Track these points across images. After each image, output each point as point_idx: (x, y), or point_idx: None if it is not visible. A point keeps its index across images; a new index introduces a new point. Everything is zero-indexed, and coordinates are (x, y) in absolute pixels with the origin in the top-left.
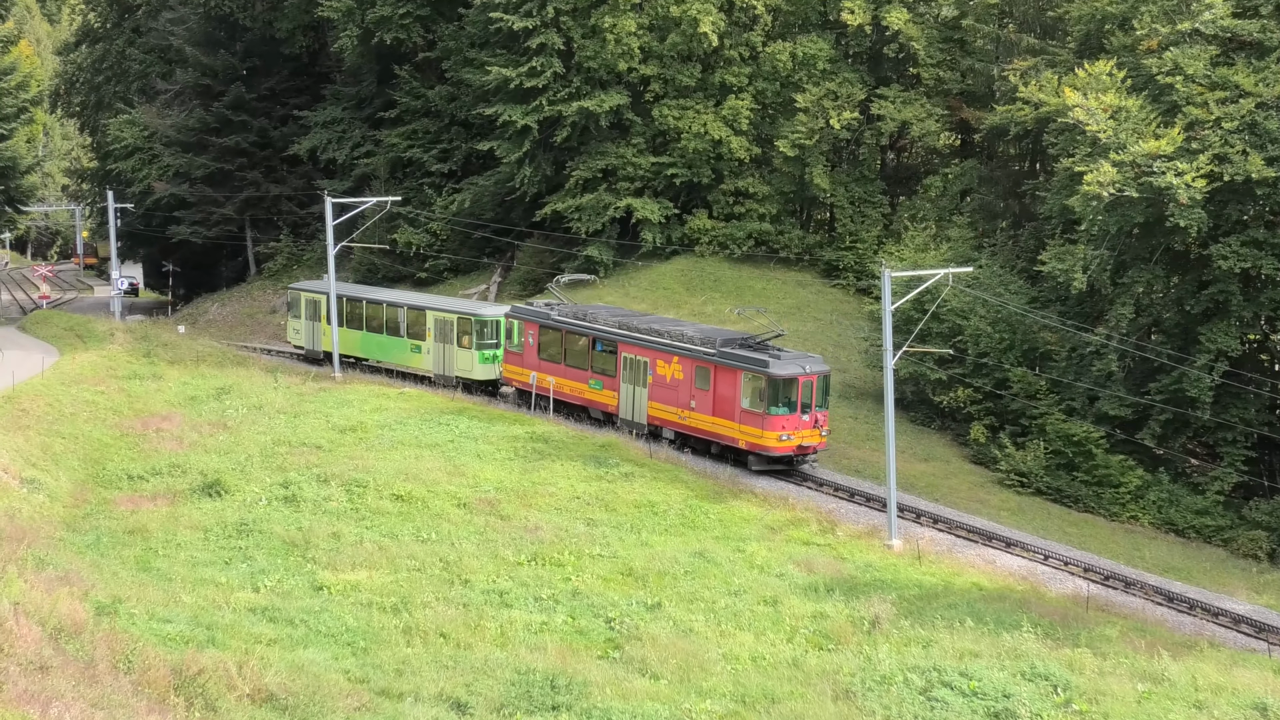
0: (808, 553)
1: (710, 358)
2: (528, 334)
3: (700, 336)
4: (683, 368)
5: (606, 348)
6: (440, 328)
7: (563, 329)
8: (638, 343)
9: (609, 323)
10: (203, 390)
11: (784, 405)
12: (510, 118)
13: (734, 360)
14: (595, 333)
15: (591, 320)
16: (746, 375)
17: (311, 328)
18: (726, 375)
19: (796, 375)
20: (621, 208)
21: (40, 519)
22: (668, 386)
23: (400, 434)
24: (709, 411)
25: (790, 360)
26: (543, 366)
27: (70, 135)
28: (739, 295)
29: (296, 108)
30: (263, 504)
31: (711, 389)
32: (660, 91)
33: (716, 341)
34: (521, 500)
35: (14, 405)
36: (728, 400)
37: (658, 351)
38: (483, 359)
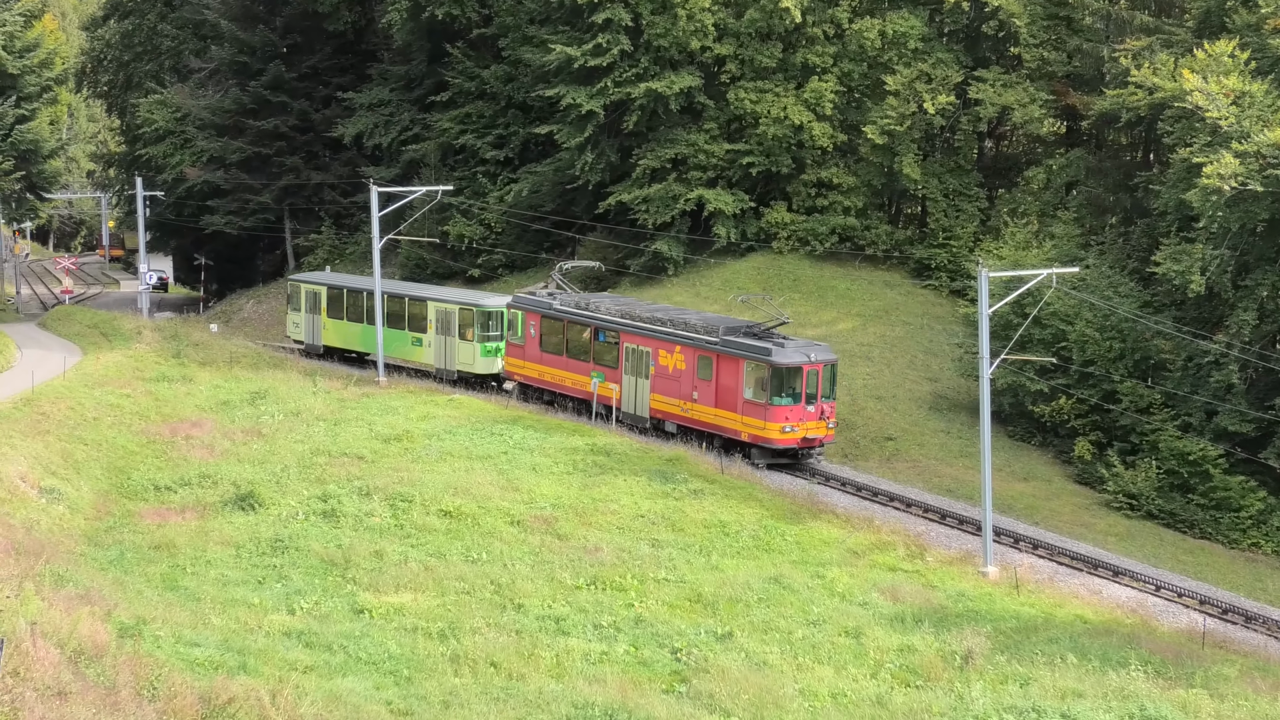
0: (894, 579)
1: (713, 346)
2: (529, 325)
3: (703, 325)
4: (685, 357)
5: (609, 338)
6: (442, 319)
7: (565, 319)
8: (640, 332)
9: (611, 312)
10: (236, 394)
11: (788, 395)
12: (572, 100)
13: (736, 349)
14: (597, 322)
15: (594, 310)
16: (749, 364)
17: (311, 321)
18: (729, 365)
19: (800, 364)
20: (692, 199)
21: (60, 532)
22: (670, 377)
23: (449, 444)
24: (711, 403)
25: (794, 348)
26: (545, 359)
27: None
28: (820, 296)
29: (340, 88)
30: (299, 518)
31: (714, 379)
32: (736, 72)
33: (719, 330)
34: (580, 518)
35: (33, 409)
36: (730, 391)
37: (660, 341)
38: (485, 352)
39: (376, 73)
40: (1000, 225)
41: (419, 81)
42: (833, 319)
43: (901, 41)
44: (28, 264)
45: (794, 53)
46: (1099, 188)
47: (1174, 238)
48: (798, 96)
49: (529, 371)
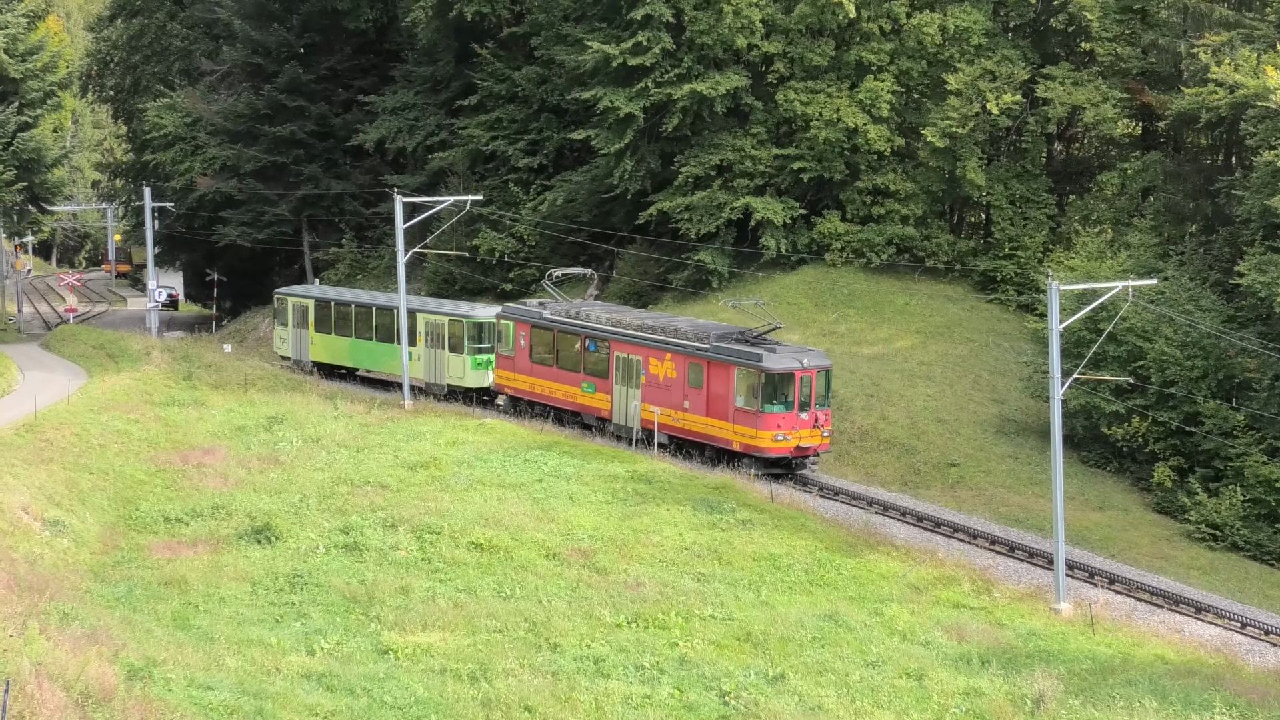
0: (959, 617)
1: (703, 353)
2: (519, 336)
3: (694, 331)
4: (675, 365)
5: (599, 347)
6: (431, 331)
7: (554, 329)
8: (630, 340)
9: (601, 320)
10: (251, 419)
11: (779, 402)
12: (611, 103)
13: (727, 355)
14: (587, 331)
15: (584, 318)
16: (740, 371)
17: (299, 336)
18: (720, 372)
19: (793, 369)
20: (739, 208)
21: (65, 567)
22: (661, 386)
23: (480, 471)
24: (702, 411)
25: (787, 354)
26: (535, 370)
27: (102, 123)
28: (877, 312)
29: (361, 91)
30: (320, 552)
31: (705, 387)
32: (785, 72)
33: (710, 336)
34: (620, 551)
35: (36, 435)
36: (721, 399)
37: (650, 349)
38: (475, 364)
39: (400, 74)
40: (1071, 234)
41: (445, 84)
42: (890, 336)
43: (963, 37)
44: (30, 280)
45: (848, 50)
46: (1177, 193)
47: (1259, 246)
48: (852, 97)
49: (519, 384)
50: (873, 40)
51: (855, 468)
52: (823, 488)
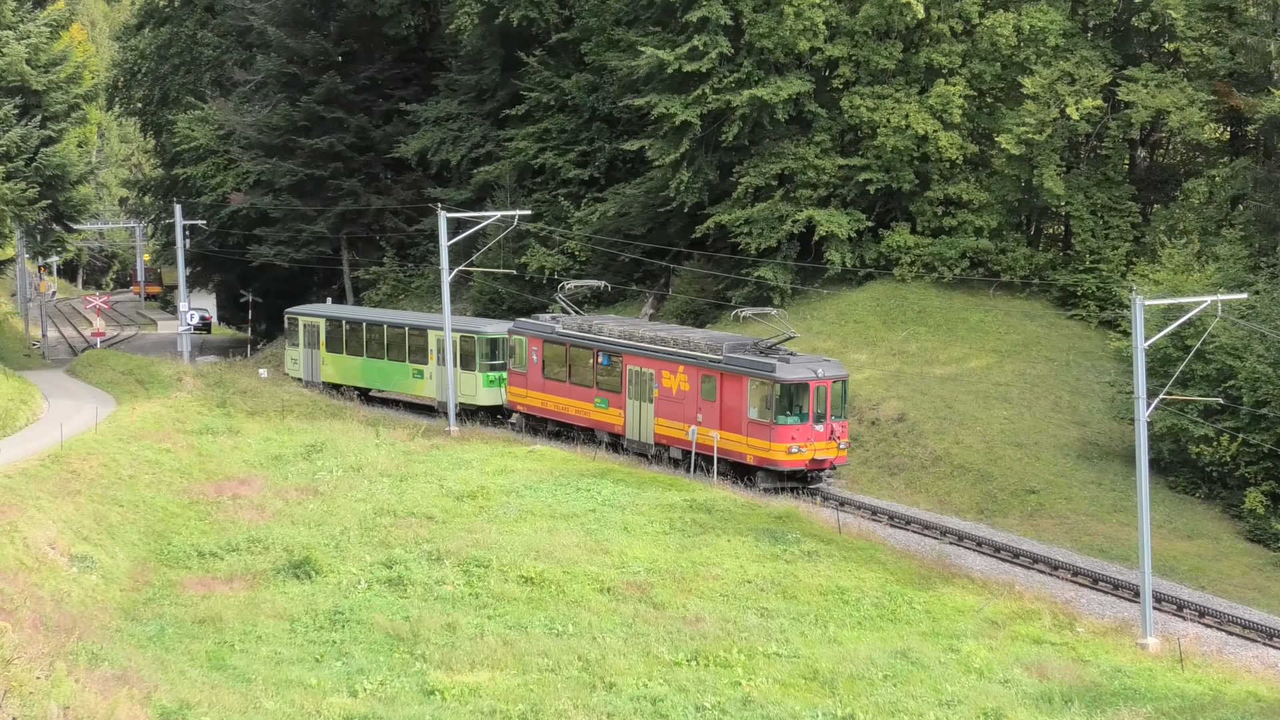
0: (1039, 653)
1: (716, 365)
2: (531, 351)
3: (707, 342)
4: (689, 378)
5: (611, 360)
6: (443, 349)
7: (566, 343)
8: (643, 353)
9: (614, 333)
10: (289, 448)
11: (793, 414)
12: (666, 110)
13: (740, 366)
14: (599, 344)
15: (596, 332)
16: (753, 382)
17: (310, 356)
18: (733, 383)
19: (807, 380)
20: (802, 220)
21: (93, 604)
22: (674, 400)
23: (530, 501)
24: (716, 425)
25: (800, 364)
26: (548, 386)
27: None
28: (949, 329)
29: (402, 101)
30: (362, 587)
31: (718, 399)
32: (851, 76)
33: (723, 347)
34: (679, 584)
35: (62, 466)
36: (735, 411)
37: (663, 361)
38: (487, 382)
39: (443, 83)
40: (1156, 246)
41: (491, 93)
42: (963, 355)
43: (1040, 38)
44: (54, 303)
45: (917, 53)
46: (1269, 201)
47: None
48: (921, 102)
49: (532, 401)
50: (943, 42)
51: (928, 495)
52: (893, 516)
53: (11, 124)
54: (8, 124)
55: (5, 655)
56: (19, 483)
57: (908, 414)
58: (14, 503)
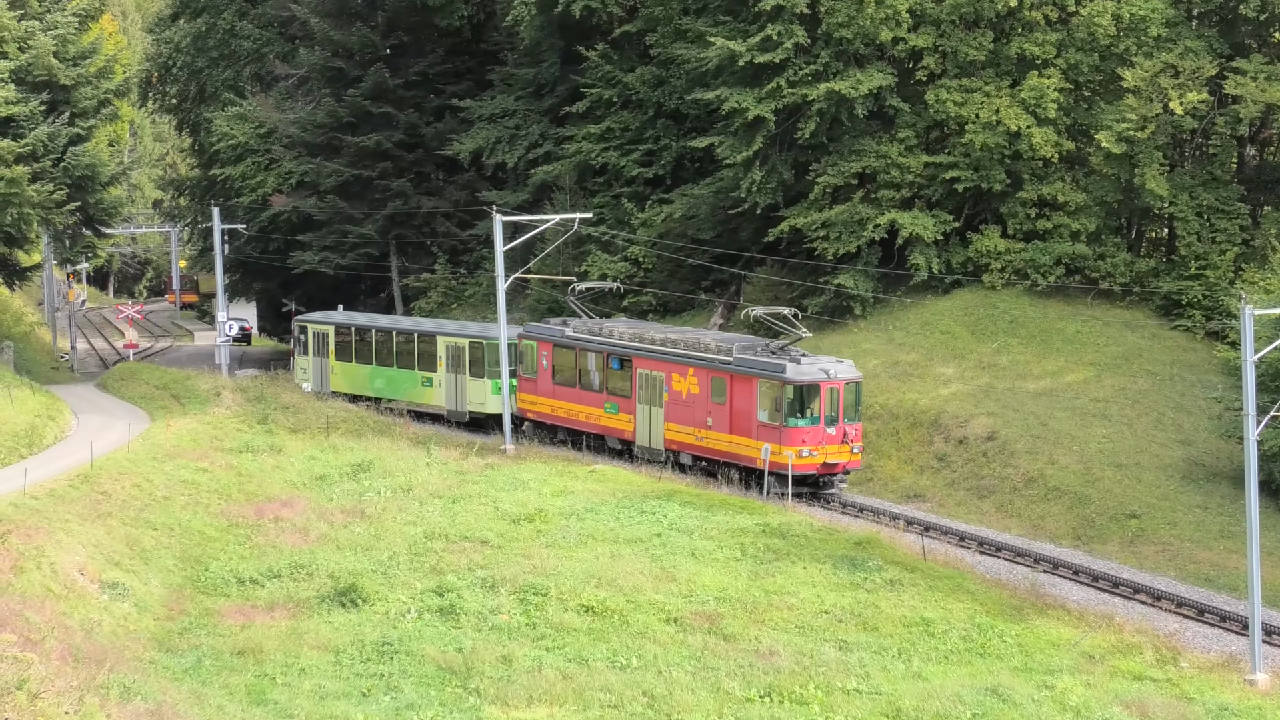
0: (1140, 690)
1: (726, 366)
2: (541, 356)
3: (718, 344)
4: (699, 380)
5: (622, 364)
6: (452, 355)
7: (576, 347)
8: (653, 355)
9: (624, 336)
10: (334, 467)
11: (804, 416)
12: (737, 105)
13: (750, 368)
14: (609, 348)
15: (606, 334)
16: (763, 384)
17: (319, 365)
18: (743, 386)
19: (818, 381)
20: (884, 224)
21: (126, 635)
22: (684, 403)
23: (591, 525)
24: (726, 429)
25: (812, 364)
26: (557, 392)
27: (164, 136)
28: (1044, 341)
29: (455, 97)
30: (411, 617)
31: (728, 402)
32: (936, 68)
33: (733, 348)
34: (751, 615)
35: (93, 487)
36: (745, 415)
37: (673, 364)
38: (496, 389)
39: (499, 77)
40: (1267, 250)
41: (550, 88)
42: (1059, 369)
43: (1141, 27)
44: (84, 313)
45: (1008, 43)
46: None
47: None
48: (1013, 96)
49: (541, 408)
50: (1036, 31)
51: (1020, 519)
52: (982, 542)
53: (38, 121)
54: (34, 121)
55: (32, 689)
56: (46, 504)
57: (998, 432)
58: (41, 526)
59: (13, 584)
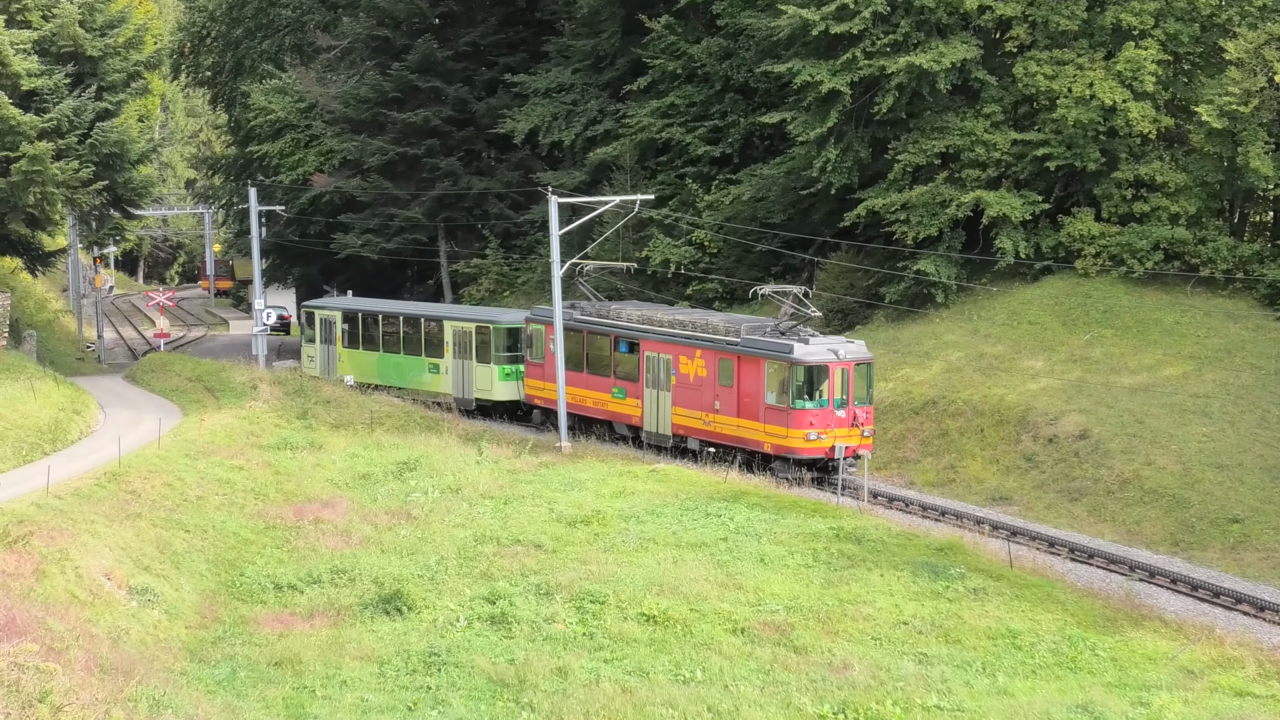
0: (1242, 707)
1: (733, 348)
2: (548, 340)
3: (726, 325)
4: (706, 363)
5: (629, 347)
6: (458, 341)
7: (584, 330)
8: (660, 337)
9: (631, 318)
10: (378, 465)
11: (813, 398)
12: (810, 78)
13: (758, 349)
14: (616, 330)
15: (614, 317)
16: (770, 365)
17: (326, 353)
18: (750, 367)
19: (827, 362)
20: (967, 204)
21: (155, 644)
22: (691, 387)
23: (652, 528)
24: (733, 412)
25: (820, 345)
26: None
27: (198, 111)
28: (1140, 332)
29: (508, 70)
30: (460, 625)
31: (735, 385)
32: (1026, 39)
33: (741, 329)
34: (824, 625)
35: (120, 485)
36: (752, 397)
37: (680, 346)
38: (503, 375)
39: (555, 49)
40: None
41: (609, 61)
42: (1156, 362)
43: None
44: (111, 300)
45: (1102, 12)
46: None
47: None
48: (1108, 69)
49: (549, 394)
50: None
51: (1114, 524)
52: (1073, 548)
53: (63, 95)
54: (59, 95)
55: (56, 701)
56: (71, 504)
57: (1091, 430)
58: (65, 527)
59: (34, 589)
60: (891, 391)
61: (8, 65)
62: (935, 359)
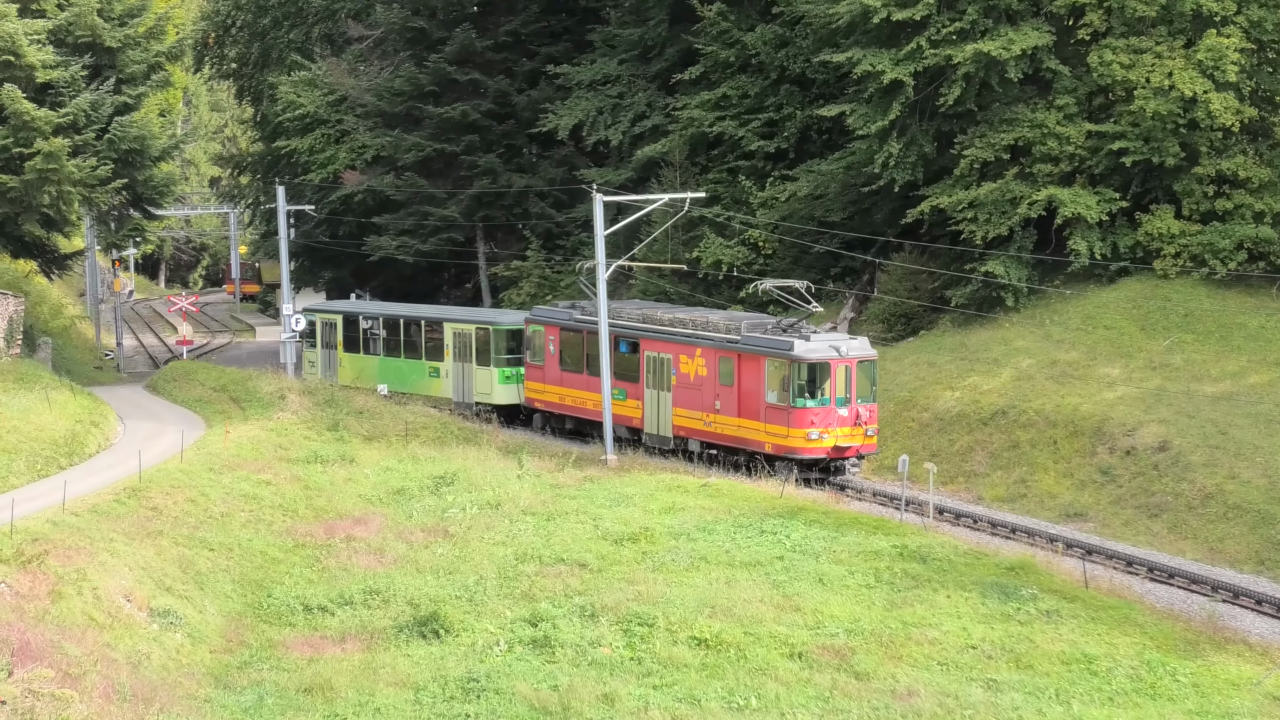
0: None
1: (734, 346)
2: (548, 341)
3: (726, 322)
4: (706, 362)
5: (629, 347)
6: (459, 343)
7: (584, 330)
8: (660, 336)
9: (631, 317)
10: (414, 480)
11: (814, 396)
12: (871, 68)
13: (758, 346)
14: (616, 329)
15: (614, 316)
16: (770, 363)
17: (327, 357)
18: (751, 366)
19: (828, 359)
20: (1039, 202)
21: (178, 669)
22: (691, 386)
23: (704, 546)
24: (734, 412)
25: (822, 341)
26: (565, 379)
27: (222, 105)
28: (1223, 337)
29: (550, 61)
30: (500, 649)
31: (736, 384)
32: (1100, 26)
33: (741, 326)
34: (886, 650)
35: (141, 502)
36: (753, 396)
37: (680, 345)
38: (503, 378)
39: (600, 38)
40: None
41: (658, 50)
42: (1241, 369)
43: None
44: (131, 305)
45: None
46: None
47: None
48: (1188, 58)
49: (549, 396)
50: None
51: (1195, 542)
52: (1153, 568)
53: (80, 88)
54: (75, 88)
55: None
56: (88, 521)
57: (1171, 442)
58: (82, 545)
59: (50, 611)
60: (958, 401)
61: (22, 56)
62: (1005, 366)
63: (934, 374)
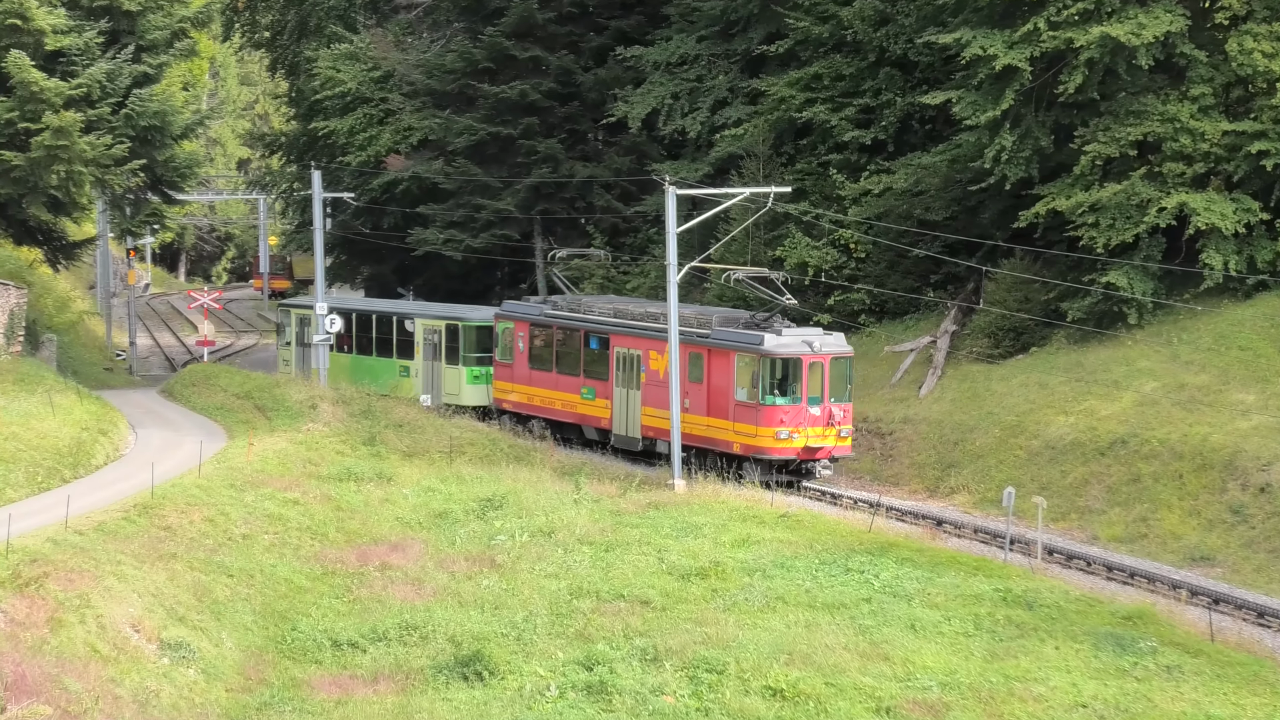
0: None
1: (704, 340)
2: (517, 338)
3: (697, 317)
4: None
5: (599, 343)
6: (429, 341)
7: (553, 325)
8: (630, 332)
9: (602, 312)
10: (458, 502)
11: (784, 394)
12: (982, 51)
13: (728, 341)
14: (586, 325)
15: (584, 311)
16: (739, 358)
17: (302, 355)
18: (720, 361)
19: (799, 355)
20: (1170, 208)
21: (190, 709)
22: (661, 384)
23: (781, 584)
24: (703, 411)
25: (794, 336)
26: (534, 378)
27: (253, 79)
28: None
29: (620, 37)
30: (551, 694)
31: (705, 381)
32: (1241, 10)
33: (712, 320)
34: (986, 707)
35: (152, 520)
36: (722, 393)
37: (650, 340)
38: (471, 378)
39: (677, 12)
40: None
41: (742, 26)
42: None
43: None
44: (147, 300)
45: None
46: None
47: None
48: None
49: (518, 396)
50: None
51: None
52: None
53: (95, 56)
54: (90, 56)
55: None
56: (93, 541)
57: None
58: (86, 568)
59: (49, 641)
60: (1072, 427)
61: (30, 20)
62: (1126, 389)
63: (1046, 396)
